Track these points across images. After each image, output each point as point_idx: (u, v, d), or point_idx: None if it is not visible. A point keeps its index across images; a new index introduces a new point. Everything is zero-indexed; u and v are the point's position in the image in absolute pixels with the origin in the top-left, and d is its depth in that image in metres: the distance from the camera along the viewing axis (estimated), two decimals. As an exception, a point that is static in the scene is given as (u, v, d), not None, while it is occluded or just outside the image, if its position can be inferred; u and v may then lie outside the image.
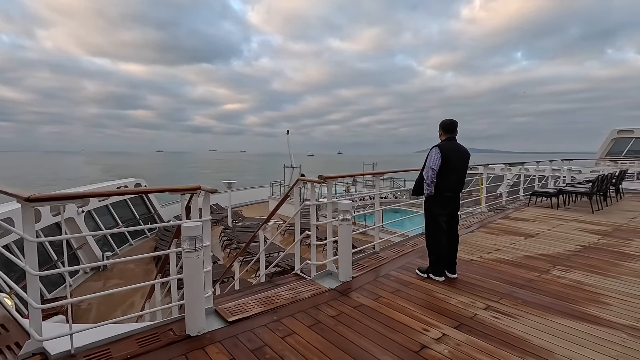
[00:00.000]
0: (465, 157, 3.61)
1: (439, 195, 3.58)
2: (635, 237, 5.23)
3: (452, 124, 3.63)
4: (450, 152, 3.53)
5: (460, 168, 3.59)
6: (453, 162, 3.53)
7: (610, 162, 16.38)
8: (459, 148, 3.59)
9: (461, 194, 3.73)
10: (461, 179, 3.63)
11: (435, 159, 3.51)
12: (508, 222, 6.33)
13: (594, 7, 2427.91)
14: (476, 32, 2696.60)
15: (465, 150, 3.62)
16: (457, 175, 3.57)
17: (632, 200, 9.30)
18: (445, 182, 3.53)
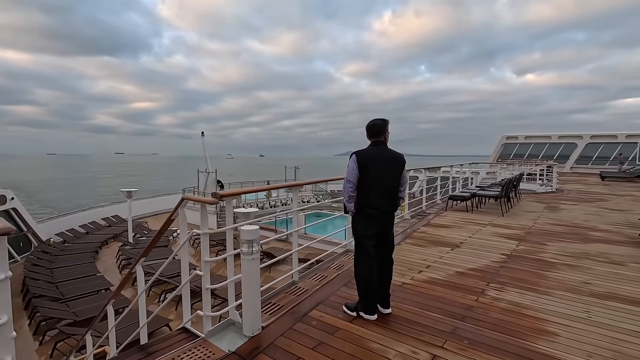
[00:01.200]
0: (391, 165, 2.87)
1: (361, 213, 2.92)
2: (545, 241, 5.34)
3: (375, 125, 2.91)
4: (370, 160, 2.84)
5: (384, 179, 2.84)
6: (373, 173, 2.82)
7: (506, 164, 18.39)
8: (383, 154, 2.88)
9: (392, 212, 2.98)
10: (387, 193, 2.87)
11: (351, 168, 2.85)
12: (431, 229, 6.11)
13: (479, 31, 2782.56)
14: (386, 44, 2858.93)
15: (393, 157, 2.89)
16: (380, 189, 2.83)
17: (528, 201, 10.17)
18: (366, 197, 2.86)
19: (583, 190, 13.11)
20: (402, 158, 2.93)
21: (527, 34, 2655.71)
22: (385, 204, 2.88)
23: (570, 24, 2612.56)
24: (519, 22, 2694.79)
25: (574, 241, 5.38)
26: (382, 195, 2.85)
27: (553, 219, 7.25)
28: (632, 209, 8.65)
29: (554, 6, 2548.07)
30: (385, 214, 2.91)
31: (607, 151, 25.60)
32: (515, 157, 27.96)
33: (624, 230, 6.15)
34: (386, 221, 2.95)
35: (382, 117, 2.95)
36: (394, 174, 2.88)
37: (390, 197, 2.90)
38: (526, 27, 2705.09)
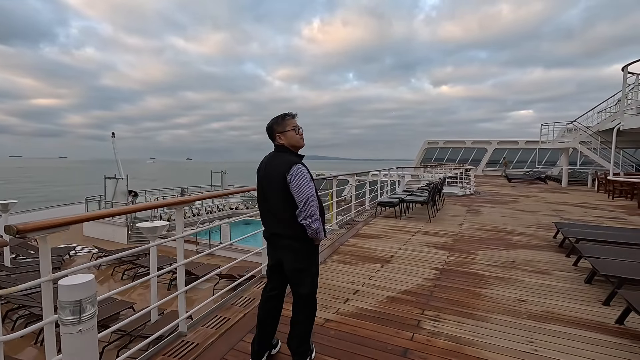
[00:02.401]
0: (270, 178, 2.16)
1: (263, 233, 2.37)
2: (474, 249, 5.15)
3: (268, 127, 2.26)
4: (260, 170, 2.29)
5: (266, 196, 2.20)
6: (260, 185, 2.28)
7: (429, 168, 19.27)
8: (268, 163, 2.24)
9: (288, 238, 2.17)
10: (272, 214, 2.20)
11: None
12: (360, 241, 5.59)
13: (400, 44, 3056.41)
14: (316, 50, 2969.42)
15: (274, 167, 2.16)
16: (265, 207, 2.24)
17: (451, 204, 10.42)
18: (261, 215, 2.33)
19: (496, 192, 14.09)
20: (282, 168, 2.09)
21: (440, 49, 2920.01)
22: (271, 226, 2.25)
23: (474, 44, 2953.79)
24: (433, 39, 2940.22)
25: (500, 247, 5.28)
26: (267, 214, 2.25)
27: (476, 223, 7.30)
28: (539, 210, 9.27)
29: (461, 27, 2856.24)
30: (275, 238, 2.23)
31: (511, 155, 28.70)
32: (436, 161, 29.92)
33: (539, 233, 6.33)
34: (277, 251, 2.24)
35: (287, 112, 2.25)
36: (273, 190, 2.16)
37: (275, 219, 2.20)
38: (439, 44, 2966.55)
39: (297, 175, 2.05)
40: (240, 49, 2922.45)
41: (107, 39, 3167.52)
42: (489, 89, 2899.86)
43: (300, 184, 2.03)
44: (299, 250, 2.14)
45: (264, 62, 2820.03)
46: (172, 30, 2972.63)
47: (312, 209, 2.03)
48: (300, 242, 2.12)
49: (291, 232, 2.12)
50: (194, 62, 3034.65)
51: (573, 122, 17.32)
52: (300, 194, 2.03)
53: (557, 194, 13.66)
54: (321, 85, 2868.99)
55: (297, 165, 2.08)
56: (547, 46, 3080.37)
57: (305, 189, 2.03)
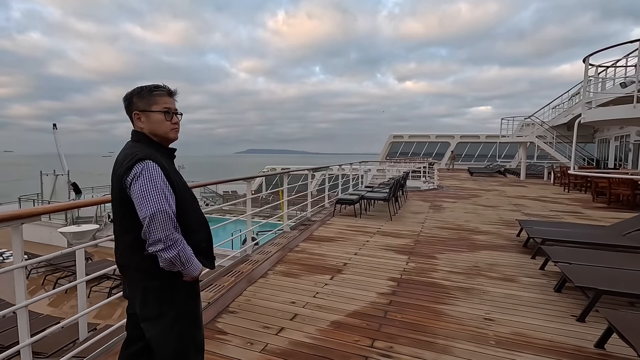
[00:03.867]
0: (113, 177, 1.48)
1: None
2: (435, 252, 4.68)
3: (125, 98, 1.55)
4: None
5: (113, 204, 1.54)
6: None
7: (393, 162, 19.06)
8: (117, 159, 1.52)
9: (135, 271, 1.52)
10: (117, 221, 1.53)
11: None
12: (312, 246, 4.96)
13: (364, 39, 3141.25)
14: (281, 43, 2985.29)
15: (115, 164, 1.50)
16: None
17: (414, 200, 10.08)
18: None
19: (458, 186, 14.03)
20: (120, 166, 1.43)
21: (404, 46, 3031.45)
22: (116, 251, 1.55)
23: (435, 41, 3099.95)
24: (396, 35, 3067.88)
25: (462, 249, 4.85)
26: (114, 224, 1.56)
27: (439, 220, 6.91)
28: (500, 205, 9.13)
29: (423, 24, 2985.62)
30: (122, 273, 1.58)
31: (473, 149, 29.37)
32: (401, 155, 30.02)
33: (502, 231, 6.01)
34: (127, 286, 1.56)
35: (160, 84, 1.55)
36: (113, 200, 1.50)
37: (117, 241, 1.53)
38: (402, 40, 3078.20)
39: (140, 178, 1.36)
40: (202, 39, 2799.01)
41: (54, 24, 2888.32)
42: (450, 85, 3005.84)
43: (143, 193, 1.35)
44: (148, 291, 1.45)
45: (227, 53, 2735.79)
46: (127, 16, 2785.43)
47: (162, 231, 1.35)
48: (151, 277, 1.44)
49: (138, 263, 1.44)
50: (152, 52, 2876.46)
51: (530, 117, 17.74)
52: (143, 209, 1.35)
53: (516, 187, 13.82)
54: (287, 78, 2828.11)
55: (142, 163, 1.38)
56: (502, 46, 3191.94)
57: (149, 201, 1.34)
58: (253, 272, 3.84)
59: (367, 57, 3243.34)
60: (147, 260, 1.40)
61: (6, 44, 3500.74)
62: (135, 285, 1.48)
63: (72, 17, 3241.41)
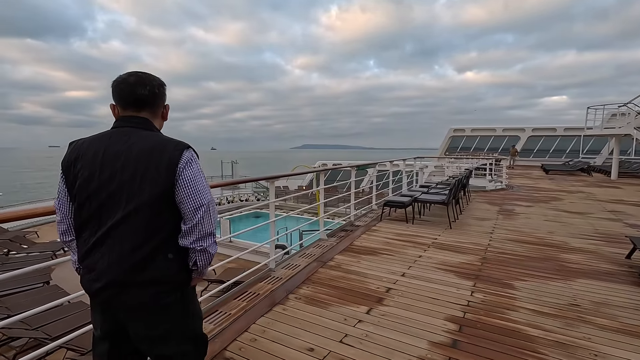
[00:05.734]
0: (130, 166, 1.22)
1: (83, 284, 1.31)
2: (511, 278, 3.55)
3: (158, 84, 1.38)
4: (88, 158, 1.26)
5: (111, 200, 1.23)
6: (93, 185, 1.24)
7: (453, 158, 17.30)
8: (119, 142, 1.27)
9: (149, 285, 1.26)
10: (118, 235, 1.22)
11: (60, 187, 1.33)
12: (350, 260, 4.10)
13: (421, 29, 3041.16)
14: (334, 38, 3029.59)
15: (144, 149, 1.25)
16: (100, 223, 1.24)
17: (478, 202, 8.68)
18: (82, 247, 1.29)
19: (532, 186, 12.10)
20: (168, 150, 1.26)
21: (464, 34, 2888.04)
22: (109, 261, 1.23)
23: (500, 27, 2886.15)
24: (456, 23, 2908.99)
25: (549, 275, 3.65)
26: (103, 238, 1.24)
27: (511, 230, 5.62)
28: (591, 211, 7.41)
29: (486, 10, 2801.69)
30: (114, 289, 1.25)
31: (547, 144, 25.98)
32: (462, 150, 27.60)
33: (602, 250, 4.60)
34: (126, 313, 1.30)
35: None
36: (136, 190, 1.22)
37: (119, 246, 1.23)
38: (462, 28, 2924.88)
39: (192, 164, 1.28)
40: (259, 38, 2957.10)
41: (130, 32, 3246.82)
42: (517, 74, 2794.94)
43: (200, 180, 1.28)
44: (166, 305, 1.29)
45: (282, 51, 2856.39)
46: (191, 21, 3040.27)
47: (214, 222, 1.30)
48: (172, 287, 1.30)
49: (161, 271, 1.26)
50: (214, 53, 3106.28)
51: (627, 105, 14.82)
52: (198, 197, 1.25)
53: (607, 188, 11.52)
54: (341, 73, 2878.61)
55: (190, 149, 1.31)
56: (580, 28, 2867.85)
57: (206, 188, 1.29)
58: (271, 294, 3.10)
59: (423, 49, 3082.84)
60: (171, 266, 1.27)
61: (93, 52, 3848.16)
62: (138, 308, 1.26)
63: (145, 24, 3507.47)
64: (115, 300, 1.24)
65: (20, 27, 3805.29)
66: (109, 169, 1.21)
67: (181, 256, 1.28)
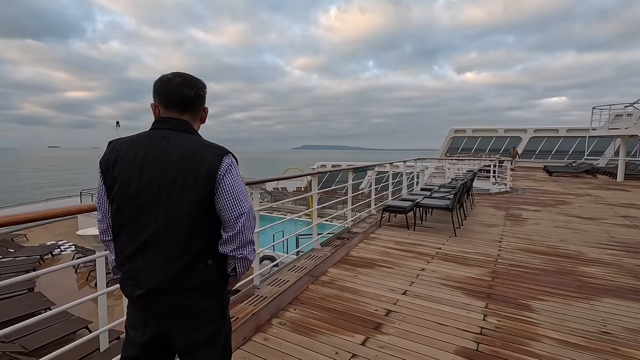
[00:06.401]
0: (170, 170, 1.19)
1: (123, 289, 1.28)
2: (527, 297, 3.13)
3: (202, 86, 1.36)
4: (124, 160, 1.22)
5: (150, 206, 1.19)
6: (132, 189, 1.20)
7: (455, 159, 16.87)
8: (156, 143, 1.24)
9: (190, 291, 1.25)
10: (158, 242, 1.20)
11: (99, 186, 1.30)
12: (346, 273, 3.68)
13: (420, 30, 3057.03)
14: (334, 39, 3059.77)
15: (184, 153, 1.21)
16: (138, 229, 1.21)
17: (483, 206, 8.25)
18: (121, 251, 1.26)
19: (537, 188, 11.68)
20: (207, 156, 1.21)
21: (463, 34, 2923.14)
22: (152, 268, 1.21)
23: (500, 28, 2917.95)
24: (455, 24, 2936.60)
25: (570, 294, 3.23)
26: (144, 245, 1.21)
27: (521, 238, 5.20)
28: (603, 217, 6.98)
29: (485, 10, 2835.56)
30: (156, 296, 1.22)
31: (549, 145, 25.57)
32: (463, 151, 27.18)
33: (623, 261, 4.18)
34: (167, 318, 1.27)
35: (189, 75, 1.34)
36: (175, 195, 1.19)
37: (167, 251, 1.20)
38: (462, 29, 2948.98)
39: (232, 170, 1.24)
40: (259, 39, 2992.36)
41: (130, 33, 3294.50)
42: (517, 75, 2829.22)
43: (240, 187, 1.24)
44: (205, 311, 1.29)
45: (282, 52, 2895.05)
46: (191, 22, 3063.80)
47: (253, 229, 1.28)
48: (211, 293, 1.29)
49: (202, 278, 1.23)
50: (214, 54, 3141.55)
51: (633, 105, 14.41)
52: (239, 204, 1.22)
53: (615, 191, 11.11)
54: (340, 73, 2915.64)
55: (230, 155, 1.26)
56: (580, 28, 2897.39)
57: (245, 196, 1.25)
58: (252, 319, 2.68)
59: (422, 49, 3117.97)
60: (211, 273, 1.25)
61: (93, 52, 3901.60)
62: (180, 312, 1.24)
63: (145, 25, 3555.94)
64: (157, 305, 1.24)
65: (21, 27, 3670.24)
66: (149, 174, 1.19)
67: (221, 262, 1.27)
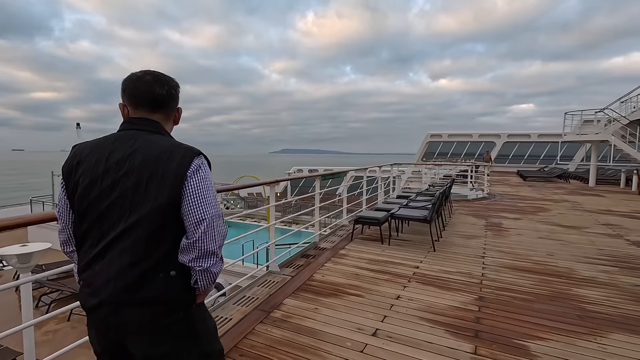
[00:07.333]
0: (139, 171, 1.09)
1: (80, 299, 1.17)
2: (522, 334, 2.56)
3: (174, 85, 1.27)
4: (90, 164, 1.13)
5: (110, 207, 1.10)
6: (94, 193, 1.11)
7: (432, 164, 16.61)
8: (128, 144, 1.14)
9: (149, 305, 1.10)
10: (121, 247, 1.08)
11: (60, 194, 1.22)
12: (305, 306, 3.00)
13: (396, 37, 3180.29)
14: (312, 44, 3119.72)
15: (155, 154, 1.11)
16: (100, 233, 1.11)
17: (461, 214, 7.81)
18: (82, 258, 1.15)
19: (514, 194, 11.46)
20: (178, 157, 1.11)
21: (437, 43, 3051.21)
22: (107, 276, 1.09)
23: (471, 37, 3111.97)
24: (429, 32, 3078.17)
25: (571, 328, 2.69)
26: (104, 251, 1.11)
27: (505, 252, 4.70)
28: (585, 225, 6.67)
29: (457, 20, 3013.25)
30: (110, 307, 1.10)
31: (522, 150, 26.00)
32: (439, 156, 27.21)
33: (619, 280, 3.73)
34: (122, 333, 1.11)
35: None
36: (140, 199, 1.09)
37: (123, 258, 1.08)
38: (435, 37, 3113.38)
39: (199, 172, 1.12)
40: (235, 41, 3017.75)
41: (101, 32, 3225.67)
42: (489, 82, 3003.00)
43: (206, 190, 1.11)
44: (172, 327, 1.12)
45: (260, 55, 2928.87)
46: (165, 22, 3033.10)
47: (219, 238, 1.13)
48: (173, 308, 1.12)
49: (162, 290, 1.09)
50: (189, 55, 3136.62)
51: (603, 110, 14.61)
52: (202, 210, 1.09)
53: (590, 196, 11.04)
54: (318, 78, 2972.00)
55: (201, 157, 1.15)
56: (545, 39, 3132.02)
57: (212, 200, 1.12)
58: None
59: (398, 56, 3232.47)
60: (173, 284, 1.10)
61: (61, 52, 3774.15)
62: (138, 326, 1.08)
63: (116, 25, 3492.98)
64: (112, 319, 1.08)
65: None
66: (111, 177, 1.09)
67: (186, 273, 1.11)
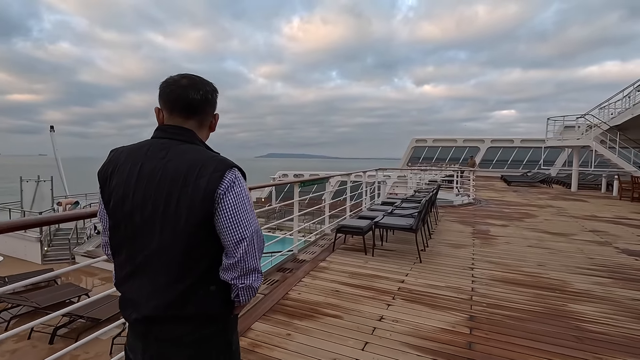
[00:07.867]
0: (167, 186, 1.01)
1: (121, 310, 1.11)
2: (520, 362, 2.28)
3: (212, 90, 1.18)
4: (120, 172, 1.07)
5: (145, 224, 1.02)
6: (127, 207, 1.04)
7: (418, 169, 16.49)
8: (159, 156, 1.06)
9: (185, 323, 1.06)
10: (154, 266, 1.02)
11: (100, 198, 1.16)
12: (274, 334, 2.64)
13: (380, 43, 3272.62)
14: (298, 48, 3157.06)
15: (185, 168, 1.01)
16: (134, 250, 1.05)
17: (447, 220, 7.59)
18: (119, 269, 1.11)
19: (499, 199, 11.37)
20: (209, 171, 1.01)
21: (420, 49, 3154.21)
22: (146, 295, 1.04)
23: (453, 44, 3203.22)
24: (413, 39, 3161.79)
25: (570, 352, 2.41)
26: (139, 268, 1.05)
27: (495, 263, 4.45)
28: (572, 232, 6.53)
29: (439, 27, 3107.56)
30: (152, 323, 1.05)
31: (505, 155, 26.31)
32: (424, 160, 27.29)
33: (614, 293, 3.51)
34: (165, 344, 1.06)
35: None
36: (171, 216, 1.01)
37: (161, 277, 1.02)
38: (419, 43, 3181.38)
39: (235, 187, 1.03)
40: (220, 45, 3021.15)
41: (81, 34, 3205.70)
42: (471, 88, 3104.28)
43: (244, 207, 1.04)
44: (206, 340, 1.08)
45: (245, 60, 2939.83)
46: (148, 25, 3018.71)
47: (259, 256, 1.08)
48: (211, 321, 1.08)
49: (199, 306, 1.04)
50: (173, 58, 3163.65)
51: (584, 116, 14.80)
52: (242, 227, 1.02)
53: (573, 202, 11.04)
54: (305, 83, 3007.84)
55: (235, 170, 1.06)
56: (523, 48, 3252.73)
57: (251, 216, 1.05)
58: None
59: (383, 61, 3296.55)
60: (213, 300, 1.06)
61: (40, 53, 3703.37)
62: (178, 340, 1.04)
63: (98, 26, 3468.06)
64: (154, 331, 1.05)
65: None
66: (142, 191, 1.02)
67: (226, 287, 1.07)
